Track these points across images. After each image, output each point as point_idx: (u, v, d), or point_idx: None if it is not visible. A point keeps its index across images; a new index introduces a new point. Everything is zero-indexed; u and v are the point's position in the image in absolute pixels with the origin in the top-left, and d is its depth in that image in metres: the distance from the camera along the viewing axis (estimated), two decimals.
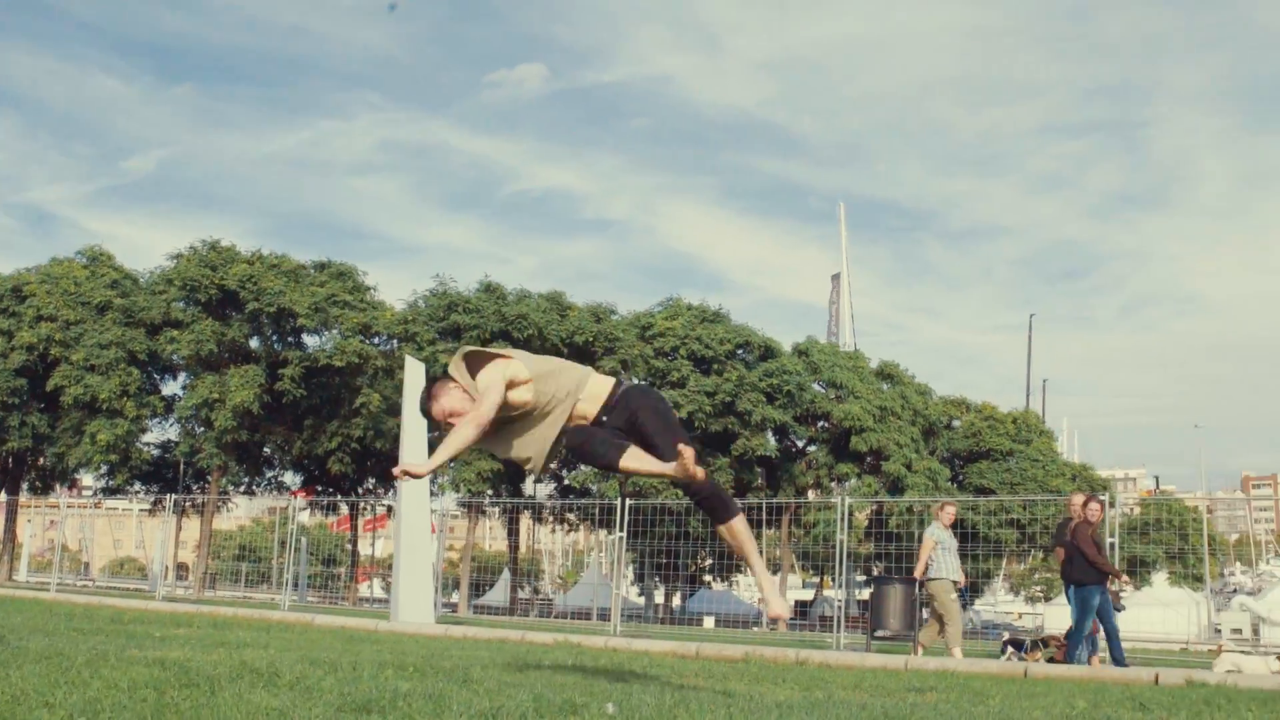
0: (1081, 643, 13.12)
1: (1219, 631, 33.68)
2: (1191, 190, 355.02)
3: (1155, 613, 28.72)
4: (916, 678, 8.78)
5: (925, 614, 14.59)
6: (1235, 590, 54.05)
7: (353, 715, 3.80)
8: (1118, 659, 12.79)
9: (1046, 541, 36.42)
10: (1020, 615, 51.28)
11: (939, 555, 13.81)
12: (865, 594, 21.92)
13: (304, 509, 33.38)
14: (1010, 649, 15.50)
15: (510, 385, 5.17)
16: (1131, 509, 40.27)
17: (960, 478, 39.56)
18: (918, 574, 14.03)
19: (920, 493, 34.24)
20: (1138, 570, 33.49)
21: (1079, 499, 14.25)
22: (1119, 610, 13.94)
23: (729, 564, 45.20)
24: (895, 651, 13.49)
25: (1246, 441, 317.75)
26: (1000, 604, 54.88)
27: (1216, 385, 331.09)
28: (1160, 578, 37.40)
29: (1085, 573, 12.95)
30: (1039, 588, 57.56)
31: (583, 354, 35.52)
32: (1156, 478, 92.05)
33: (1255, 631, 31.48)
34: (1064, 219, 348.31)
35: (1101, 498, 14.05)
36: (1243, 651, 14.41)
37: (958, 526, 13.91)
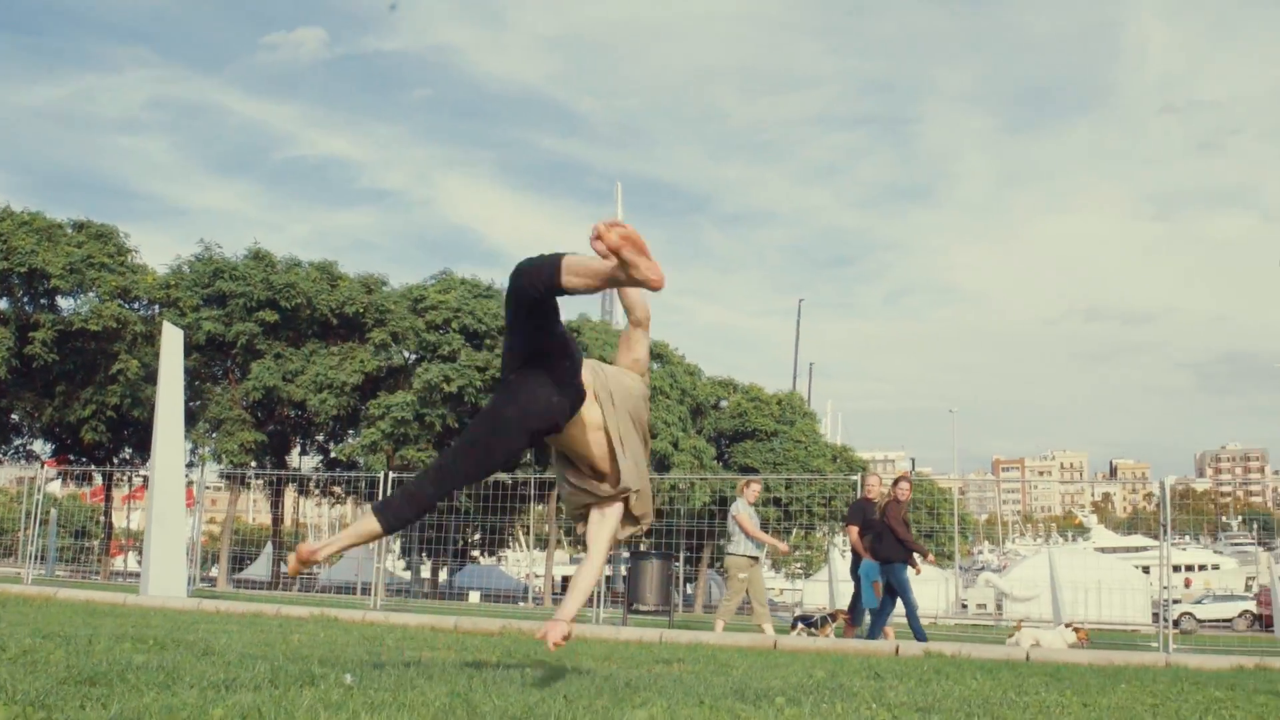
0: (917, 614, 13.51)
1: (965, 607, 35.26)
2: (954, 186, 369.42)
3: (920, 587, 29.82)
4: (668, 650, 8.95)
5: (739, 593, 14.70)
6: (983, 568, 56.67)
7: (76, 688, 3.68)
8: (919, 634, 13.16)
9: (806, 520, 37.53)
10: (781, 591, 52.67)
11: (741, 531, 14.01)
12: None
13: (54, 479, 31.96)
14: (801, 625, 15.93)
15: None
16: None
17: (725, 456, 40.36)
18: (768, 540, 14.14)
19: (686, 470, 34.81)
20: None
21: (875, 480, 14.76)
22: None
23: (497, 539, 45.25)
24: (652, 625, 13.71)
25: (997, 427, 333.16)
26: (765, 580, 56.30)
27: (971, 373, 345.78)
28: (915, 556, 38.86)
29: (894, 550, 13.34)
30: (799, 564, 59.20)
31: (352, 325, 34.98)
32: (913, 460, 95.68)
33: (999, 607, 33.03)
34: (834, 208, 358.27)
35: (912, 478, 14.56)
36: (1038, 626, 15.06)
37: (722, 504, 14.30)
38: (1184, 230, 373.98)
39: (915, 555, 13.37)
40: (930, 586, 30.06)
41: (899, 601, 13.41)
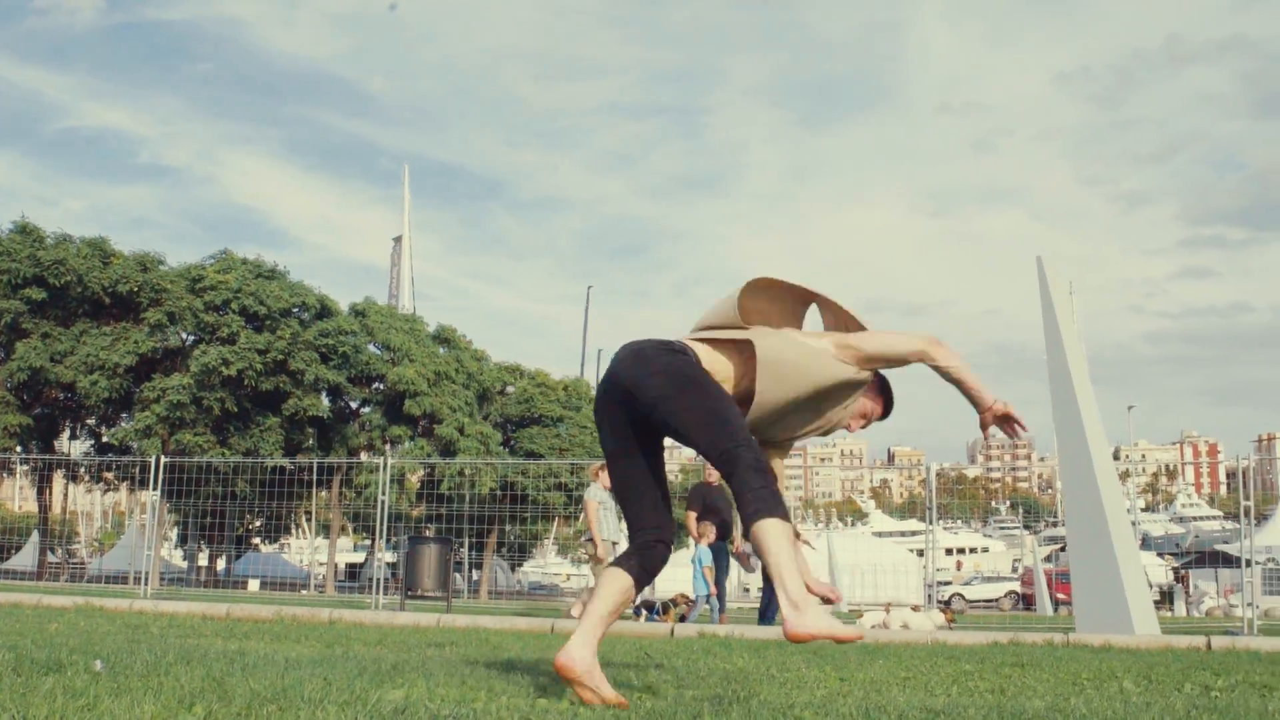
0: (723, 596, 13.67)
1: (747, 591, 35.95)
2: (744, 177, 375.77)
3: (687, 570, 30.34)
4: (443, 634, 8.93)
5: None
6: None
7: None
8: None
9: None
10: (569, 577, 52.92)
11: (601, 516, 13.85)
12: None
13: None
14: (644, 611, 16.03)
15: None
16: (673, 475, 42.17)
17: (512, 442, 40.31)
18: (595, 537, 13.92)
19: (472, 455, 34.68)
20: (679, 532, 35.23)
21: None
22: (749, 570, 14.86)
23: (278, 524, 44.31)
24: (431, 610, 13.63)
25: None
26: (550, 566, 56.47)
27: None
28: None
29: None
30: (584, 550, 59.57)
31: (126, 304, 33.76)
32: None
33: None
34: (626, 196, 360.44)
35: None
36: (912, 608, 15.33)
37: (508, 490, 14.18)
38: (958, 226, 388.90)
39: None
40: (689, 570, 30.63)
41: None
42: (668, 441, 4.11)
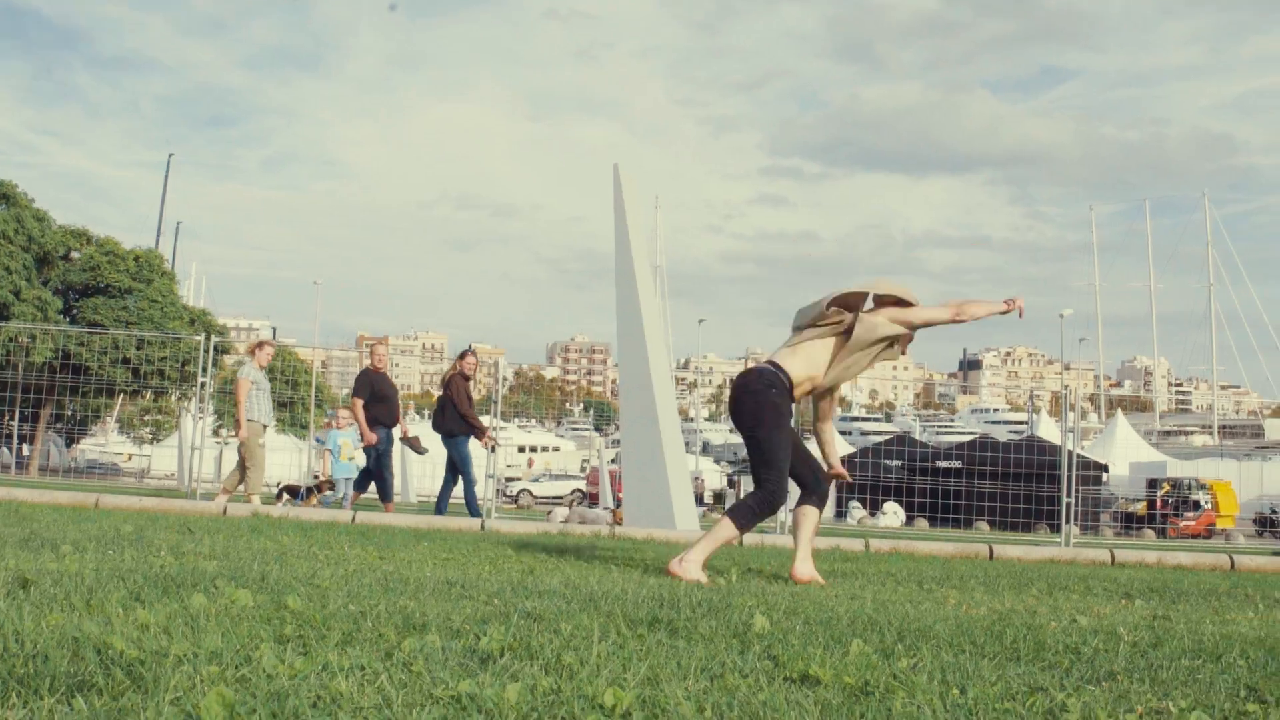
0: (474, 491, 13.17)
1: (316, 477, 35.52)
2: (346, 60, 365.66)
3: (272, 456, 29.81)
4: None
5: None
6: (323, 440, 57.35)
7: None
8: (473, 509, 12.97)
9: (158, 383, 36.29)
10: (130, 457, 50.76)
11: (254, 397, 12.88)
12: None
13: None
14: (286, 495, 15.47)
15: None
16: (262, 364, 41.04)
17: (74, 311, 38.11)
18: (240, 417, 12.86)
19: (28, 322, 32.59)
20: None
21: (383, 350, 14.04)
22: (421, 453, 14.47)
23: None
24: None
25: (364, 304, 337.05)
26: (111, 445, 53.94)
27: (343, 248, 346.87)
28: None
29: (456, 424, 13.03)
30: (149, 429, 57.32)
31: None
32: (275, 329, 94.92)
33: None
34: (219, 65, 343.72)
35: (475, 351, 14.02)
36: (589, 507, 15.36)
37: (67, 361, 13.33)
38: (555, 132, 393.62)
39: (477, 430, 13.17)
40: (283, 455, 30.16)
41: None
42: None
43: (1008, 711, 2.25)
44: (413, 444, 14.38)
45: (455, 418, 13.11)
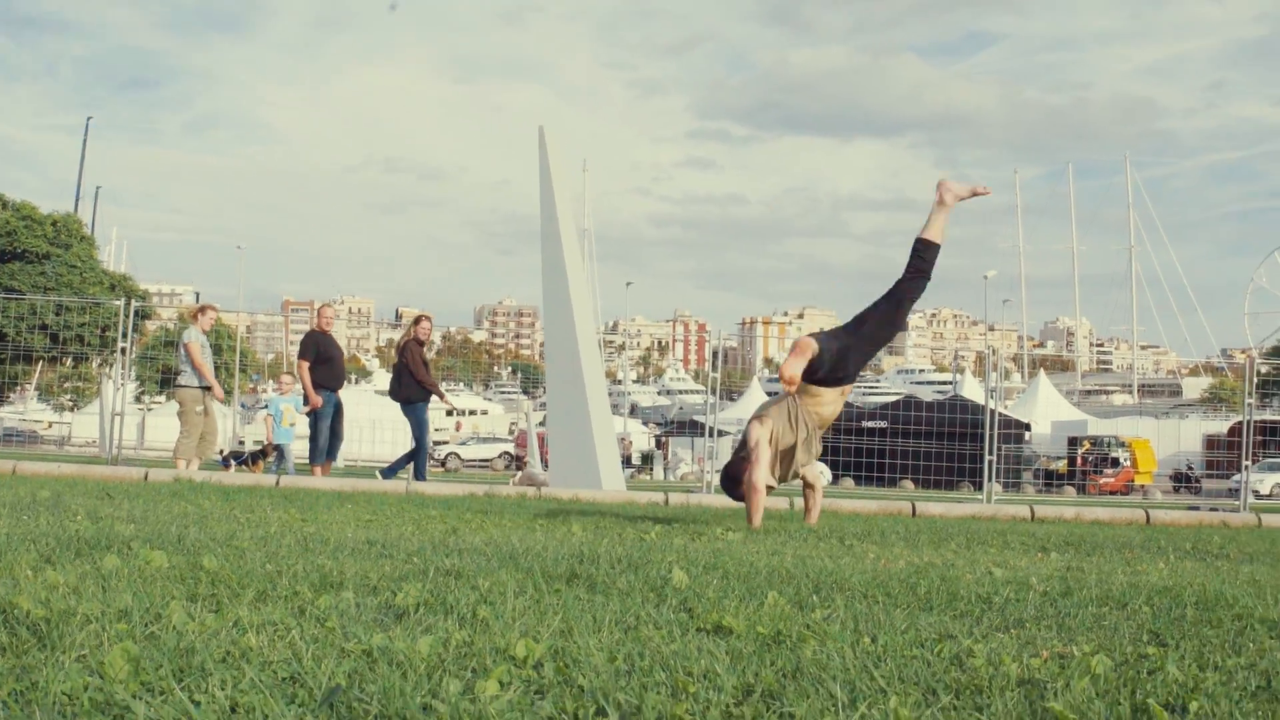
0: (425, 457, 13.02)
1: (242, 443, 35.21)
2: (269, 21, 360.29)
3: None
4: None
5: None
6: (265, 405, 56.94)
7: None
8: (420, 473, 12.83)
9: (78, 349, 35.72)
10: (50, 425, 50.00)
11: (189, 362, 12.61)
12: None
13: None
14: (233, 461, 15.31)
15: None
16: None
17: None
18: (208, 377, 12.63)
19: None
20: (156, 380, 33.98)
21: (331, 313, 13.89)
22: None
23: None
24: None
25: (289, 268, 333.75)
26: (30, 412, 53.11)
27: (268, 212, 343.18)
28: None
29: (414, 390, 12.91)
30: (69, 396, 56.41)
31: None
32: (198, 294, 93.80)
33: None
34: (139, 27, 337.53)
35: (430, 316, 13.84)
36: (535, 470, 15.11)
37: None
38: (482, 96, 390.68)
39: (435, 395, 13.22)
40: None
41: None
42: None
43: (915, 658, 2.29)
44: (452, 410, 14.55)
45: (412, 384, 13.09)
